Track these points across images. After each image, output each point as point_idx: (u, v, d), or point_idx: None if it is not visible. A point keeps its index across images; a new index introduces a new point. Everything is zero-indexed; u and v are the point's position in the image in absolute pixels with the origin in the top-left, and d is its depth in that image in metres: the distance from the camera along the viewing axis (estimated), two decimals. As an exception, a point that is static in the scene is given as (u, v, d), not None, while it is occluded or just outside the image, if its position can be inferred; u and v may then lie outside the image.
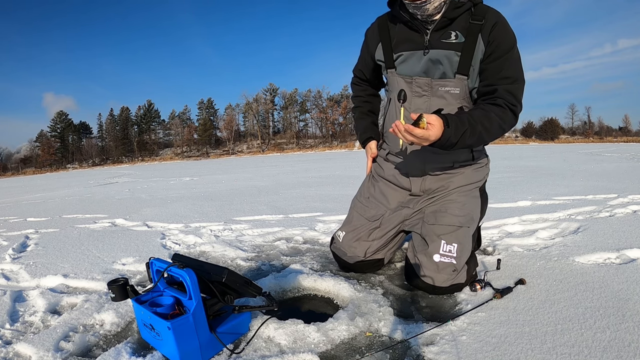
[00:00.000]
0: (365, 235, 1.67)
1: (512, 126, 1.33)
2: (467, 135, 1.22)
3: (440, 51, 1.34)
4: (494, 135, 1.30)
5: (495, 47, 1.29)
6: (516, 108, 1.31)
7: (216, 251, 2.26)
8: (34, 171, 51.33)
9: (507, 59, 1.29)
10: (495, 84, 1.30)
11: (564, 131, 61.10)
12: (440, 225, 1.49)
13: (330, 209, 3.49)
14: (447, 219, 1.49)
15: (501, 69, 1.29)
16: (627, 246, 1.84)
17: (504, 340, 1.11)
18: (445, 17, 1.32)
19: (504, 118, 1.28)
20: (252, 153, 54.83)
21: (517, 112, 1.31)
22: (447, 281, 1.44)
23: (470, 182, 1.57)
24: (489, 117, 1.26)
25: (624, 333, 1.09)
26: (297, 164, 14.16)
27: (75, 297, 1.59)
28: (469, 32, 1.31)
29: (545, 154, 13.07)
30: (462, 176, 1.57)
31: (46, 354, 1.16)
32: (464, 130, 1.21)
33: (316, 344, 1.15)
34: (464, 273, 1.47)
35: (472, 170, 1.57)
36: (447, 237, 1.46)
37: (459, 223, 1.49)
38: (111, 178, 12.93)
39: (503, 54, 1.29)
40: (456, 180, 1.57)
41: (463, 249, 1.47)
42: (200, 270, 1.14)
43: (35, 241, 2.78)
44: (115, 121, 64.13)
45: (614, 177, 4.98)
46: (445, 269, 1.43)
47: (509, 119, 1.30)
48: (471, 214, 1.52)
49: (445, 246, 1.45)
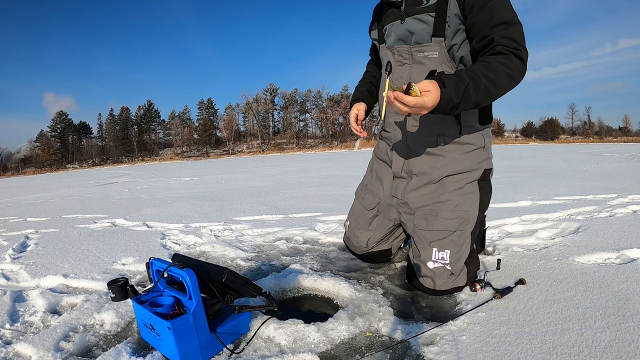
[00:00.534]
0: (366, 224, 1.67)
1: (522, 73, 1.17)
2: (470, 90, 1.09)
3: (414, 17, 1.33)
4: (504, 85, 1.14)
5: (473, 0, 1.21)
6: (520, 51, 1.16)
7: (216, 251, 2.26)
8: (34, 171, 51.30)
9: (492, 5, 1.19)
10: (489, 34, 1.19)
11: (564, 131, 61.08)
12: (432, 231, 1.40)
13: (330, 209, 3.49)
14: (439, 223, 1.39)
15: (491, 17, 1.18)
16: (627, 246, 1.84)
17: (504, 340, 1.11)
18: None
19: (509, 64, 1.13)
20: (252, 153, 54.82)
21: (522, 56, 1.16)
22: (446, 284, 1.43)
23: (462, 171, 1.40)
24: (491, 67, 1.13)
25: (624, 333, 1.09)
26: (297, 164, 14.16)
27: (75, 297, 1.59)
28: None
29: (545, 154, 13.07)
30: (449, 161, 1.41)
31: (46, 354, 1.16)
32: (465, 86, 1.08)
33: (316, 344, 1.15)
34: (463, 276, 1.45)
35: (462, 154, 1.40)
36: (439, 243, 1.39)
37: (451, 228, 1.39)
38: (111, 178, 12.93)
39: (486, 2, 1.19)
40: (443, 165, 1.41)
41: (458, 253, 1.41)
42: (200, 270, 1.14)
43: (35, 241, 2.78)
44: (115, 121, 64.09)
45: (614, 177, 4.98)
46: (441, 275, 1.42)
47: (515, 64, 1.14)
48: (465, 216, 1.40)
49: (438, 254, 1.40)
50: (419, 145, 1.44)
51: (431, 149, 1.43)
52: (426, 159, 1.44)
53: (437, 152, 1.42)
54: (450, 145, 1.40)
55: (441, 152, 1.41)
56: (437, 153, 1.42)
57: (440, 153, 1.41)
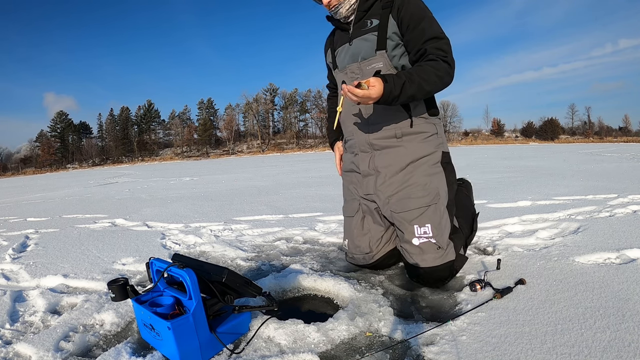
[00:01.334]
0: (360, 229, 1.72)
1: (450, 76, 1.41)
2: (406, 86, 1.33)
3: (360, 38, 1.55)
4: (433, 83, 1.38)
5: (408, 19, 1.45)
6: (447, 58, 1.40)
7: (216, 251, 2.26)
8: (34, 171, 51.31)
9: (423, 26, 1.43)
10: (423, 47, 1.43)
11: (564, 131, 61.08)
12: (408, 211, 1.52)
13: (330, 209, 3.49)
14: (412, 202, 1.52)
15: (423, 34, 1.43)
16: (627, 246, 1.84)
17: (504, 340, 1.11)
18: (360, 11, 1.54)
19: (438, 67, 1.38)
20: (252, 153, 54.82)
21: (449, 62, 1.41)
22: (437, 260, 1.47)
23: (422, 155, 1.57)
24: (423, 69, 1.38)
25: (624, 333, 1.09)
26: (297, 164, 14.16)
27: (75, 297, 1.59)
28: (382, 16, 1.50)
29: (545, 154, 13.08)
30: (409, 150, 1.57)
31: (46, 354, 1.16)
32: (403, 82, 1.32)
33: (316, 344, 1.15)
34: (451, 250, 1.50)
35: (420, 142, 1.57)
36: (418, 220, 1.50)
37: (425, 204, 1.51)
38: (111, 178, 12.93)
39: (419, 22, 1.44)
40: (404, 154, 1.57)
41: (439, 226, 1.50)
42: (200, 270, 1.14)
43: (35, 241, 2.78)
44: (115, 121, 64.08)
45: (614, 177, 4.98)
46: (428, 250, 1.48)
47: (442, 67, 1.39)
48: (436, 190, 1.53)
49: (419, 229, 1.49)
50: (380, 144, 1.61)
51: (391, 144, 1.59)
52: (389, 152, 1.60)
53: (397, 144, 1.58)
54: (407, 136, 1.57)
55: (400, 143, 1.58)
56: (397, 145, 1.58)
57: (399, 144, 1.58)
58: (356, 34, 1.56)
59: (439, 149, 1.60)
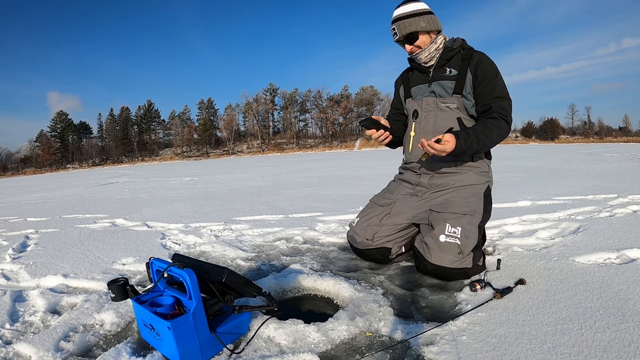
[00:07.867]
0: (377, 220, 1.88)
1: (508, 132, 1.69)
2: (473, 143, 1.58)
3: (440, 81, 1.80)
4: (495, 140, 1.65)
5: (482, 76, 1.70)
6: (508, 118, 1.67)
7: (216, 251, 2.26)
8: (34, 171, 51.29)
9: (494, 84, 1.70)
10: (489, 102, 1.69)
11: (564, 131, 61.01)
12: (446, 213, 1.70)
13: (330, 209, 3.49)
14: (452, 207, 1.71)
15: (492, 91, 1.69)
16: (627, 246, 1.84)
17: (504, 340, 1.11)
18: (442, 59, 1.79)
19: (500, 126, 1.65)
20: (252, 153, 54.78)
21: (509, 121, 1.68)
22: (453, 263, 1.56)
23: (473, 183, 1.80)
24: (488, 128, 1.63)
25: (624, 333, 1.09)
26: (297, 164, 14.16)
27: (75, 297, 1.59)
28: (461, 67, 1.76)
29: (545, 154, 13.08)
30: (464, 175, 1.80)
31: (46, 354, 1.16)
32: (471, 140, 1.58)
33: (316, 344, 1.15)
34: (469, 259, 1.58)
35: (474, 174, 1.82)
36: (452, 221, 1.65)
37: (462, 211, 1.69)
38: (111, 178, 12.93)
39: (491, 80, 1.70)
40: (459, 178, 1.80)
41: (468, 233, 1.62)
42: (200, 270, 1.14)
43: (35, 241, 2.78)
44: (115, 121, 64.01)
45: (614, 177, 4.98)
46: (450, 250, 1.57)
47: (503, 127, 1.66)
48: (474, 207, 1.72)
49: (450, 228, 1.63)
50: (442, 167, 1.84)
51: (451, 170, 1.83)
52: (448, 175, 1.83)
53: (455, 170, 1.82)
54: (465, 166, 1.82)
55: (458, 170, 1.82)
56: (454, 172, 1.82)
57: (457, 171, 1.82)
58: (436, 77, 1.81)
59: (487, 183, 1.85)
